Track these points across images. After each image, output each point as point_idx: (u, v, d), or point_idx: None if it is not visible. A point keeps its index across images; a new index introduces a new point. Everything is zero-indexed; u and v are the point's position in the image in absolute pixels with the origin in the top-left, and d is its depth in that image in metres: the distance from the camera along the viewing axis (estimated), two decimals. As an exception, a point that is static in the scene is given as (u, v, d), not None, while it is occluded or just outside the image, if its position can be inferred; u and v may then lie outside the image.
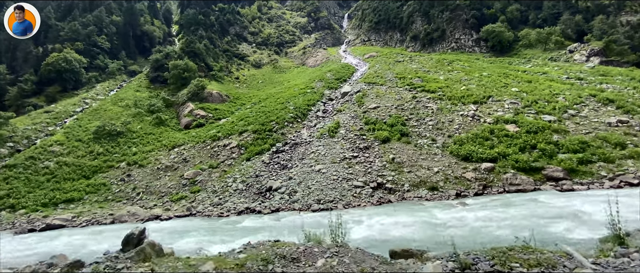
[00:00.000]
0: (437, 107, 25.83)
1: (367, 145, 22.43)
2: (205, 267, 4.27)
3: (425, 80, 33.65)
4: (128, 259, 4.46)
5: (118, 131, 34.67)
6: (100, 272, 4.17)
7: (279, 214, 16.28)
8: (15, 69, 55.64)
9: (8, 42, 57.92)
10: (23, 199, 24.93)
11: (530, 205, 12.91)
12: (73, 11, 67.91)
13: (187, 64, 51.92)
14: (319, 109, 33.40)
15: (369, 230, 11.63)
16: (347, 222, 12.01)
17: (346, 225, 12.21)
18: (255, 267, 4.31)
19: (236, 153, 27.47)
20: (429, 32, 67.00)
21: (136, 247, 4.79)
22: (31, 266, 4.76)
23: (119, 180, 27.71)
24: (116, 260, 4.51)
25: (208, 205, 19.86)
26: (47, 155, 30.50)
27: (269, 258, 4.63)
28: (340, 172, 19.57)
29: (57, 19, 65.45)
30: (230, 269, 4.26)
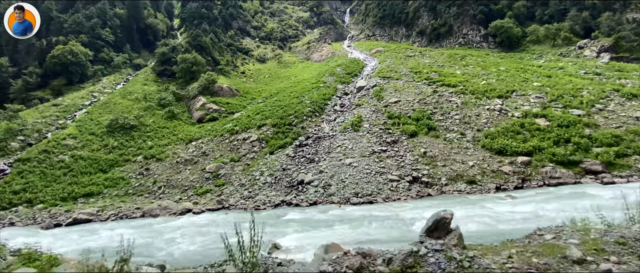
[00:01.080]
0: (461, 101, 25.76)
1: (394, 139, 22.29)
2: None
3: (443, 75, 33.56)
4: (454, 246, 4.12)
5: (131, 125, 34.14)
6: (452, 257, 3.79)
7: (319, 207, 16.13)
8: (18, 62, 54.51)
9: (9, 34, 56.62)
10: (40, 194, 24.43)
11: (583, 197, 12.89)
12: (75, 3, 66.55)
13: (195, 58, 51.27)
14: (336, 103, 33.19)
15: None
16: (412, 219, 11.89)
17: (411, 220, 12.10)
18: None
19: (257, 147, 27.18)
20: (436, 28, 66.87)
21: (448, 233, 4.40)
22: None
23: (138, 174, 27.30)
24: (442, 246, 4.07)
25: (239, 199, 19.62)
26: (61, 148, 29.92)
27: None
28: (372, 165, 19.43)
29: (58, 10, 64.03)
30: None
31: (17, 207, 23.13)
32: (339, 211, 15.00)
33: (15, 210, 22.73)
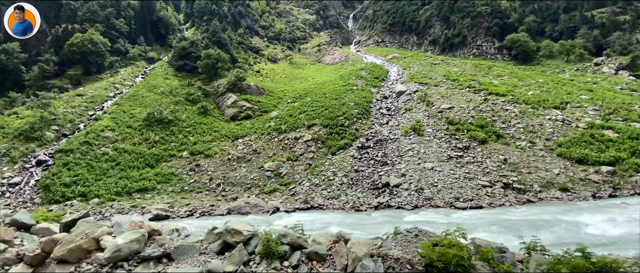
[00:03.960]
0: (519, 111, 26.53)
1: (465, 145, 22.67)
2: None
3: (483, 84, 34.43)
4: None
5: (169, 119, 33.07)
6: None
7: (425, 210, 16.12)
8: (28, 48, 51.79)
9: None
10: (93, 188, 23.25)
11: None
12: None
13: (219, 54, 50.35)
14: (380, 106, 33.39)
15: (594, 228, 11.61)
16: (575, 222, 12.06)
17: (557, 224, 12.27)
18: None
19: (313, 147, 26.94)
20: (450, 37, 68.49)
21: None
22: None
23: (189, 170, 26.47)
24: None
25: (324, 199, 19.34)
26: (102, 141, 28.60)
27: None
28: (456, 170, 19.67)
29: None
30: None
31: (71, 200, 21.91)
32: (458, 213, 15.11)
33: (70, 204, 21.51)
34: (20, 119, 31.03)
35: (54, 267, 5.19)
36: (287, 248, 5.16)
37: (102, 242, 5.60)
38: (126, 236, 5.48)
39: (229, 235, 5.75)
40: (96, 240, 5.68)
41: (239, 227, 5.71)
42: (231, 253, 5.35)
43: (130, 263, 5.25)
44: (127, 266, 5.18)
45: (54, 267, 5.19)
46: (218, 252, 5.61)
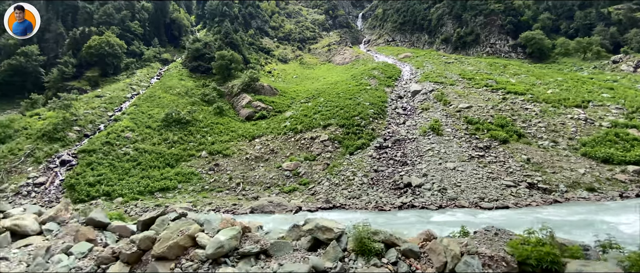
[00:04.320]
0: (539, 110, 26.17)
1: (486, 144, 22.47)
2: None
3: (500, 83, 34.03)
4: None
5: (187, 119, 33.53)
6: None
7: (450, 210, 16.05)
8: (46, 50, 53.11)
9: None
10: (117, 187, 23.72)
11: None
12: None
13: (233, 55, 50.81)
14: (396, 106, 33.27)
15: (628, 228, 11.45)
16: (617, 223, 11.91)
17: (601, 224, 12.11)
18: None
19: (330, 147, 27.00)
20: (462, 36, 67.80)
21: None
22: None
23: (208, 170, 26.80)
24: None
25: (346, 199, 19.39)
26: (123, 141, 29.16)
27: None
28: (479, 170, 19.52)
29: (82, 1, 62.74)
30: None
31: (96, 199, 22.40)
32: (485, 213, 15.01)
33: (95, 202, 21.99)
34: (42, 120, 31.81)
35: (153, 264, 5.35)
36: (382, 245, 5.24)
37: (198, 239, 5.76)
38: (226, 233, 5.62)
39: (320, 231, 5.87)
40: (191, 237, 5.83)
41: (327, 224, 5.81)
42: (325, 250, 5.45)
43: (231, 259, 5.38)
44: (229, 262, 5.32)
45: (153, 264, 5.35)
46: (308, 249, 5.72)
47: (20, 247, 6.78)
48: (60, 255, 6.20)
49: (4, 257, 6.20)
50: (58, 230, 7.53)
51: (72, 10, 60.56)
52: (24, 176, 24.26)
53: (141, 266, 5.61)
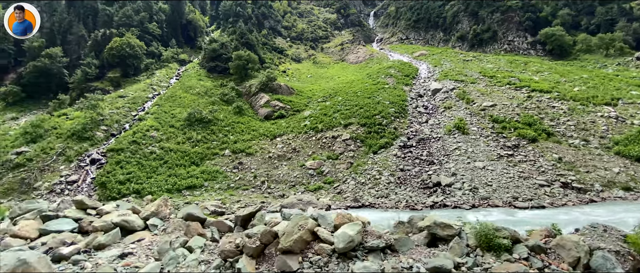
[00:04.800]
0: (567, 108, 25.65)
1: (514, 143, 22.18)
2: None
3: (523, 80, 33.47)
4: None
5: (208, 119, 34.03)
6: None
7: (483, 210, 15.91)
8: (68, 52, 54.48)
9: (59, 25, 56.74)
10: (146, 185, 24.28)
11: None
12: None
13: (249, 55, 51.28)
14: (416, 105, 33.05)
15: None
16: None
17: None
18: None
19: (353, 146, 27.04)
20: (479, 33, 66.85)
21: None
22: None
23: (233, 168, 27.17)
24: None
25: (374, 198, 19.44)
26: (148, 140, 29.79)
27: None
28: (509, 169, 19.29)
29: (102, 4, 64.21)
30: None
31: (127, 197, 22.96)
32: (522, 213, 14.85)
33: (126, 200, 22.53)
34: (70, 120, 32.73)
35: (281, 257, 5.51)
36: (509, 241, 5.30)
37: (319, 233, 5.91)
38: (352, 227, 5.75)
39: (439, 228, 5.97)
40: (312, 231, 5.99)
41: (446, 220, 5.90)
42: (450, 245, 5.54)
43: (360, 254, 5.51)
44: (359, 256, 5.45)
45: (281, 257, 5.51)
46: (427, 244, 5.82)
47: (134, 241, 7.05)
48: (181, 249, 6.42)
49: (128, 252, 6.45)
50: (162, 225, 7.79)
51: (92, 13, 62.03)
52: (56, 174, 25.05)
53: (265, 259, 5.77)
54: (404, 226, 6.38)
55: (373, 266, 5.05)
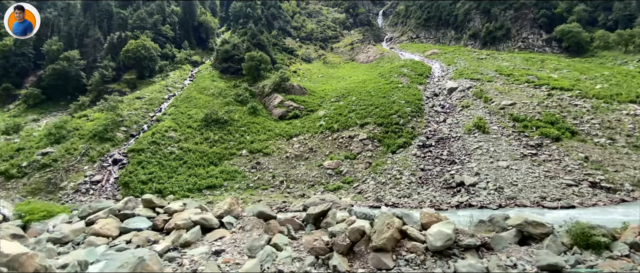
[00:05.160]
0: (591, 106, 25.19)
1: (537, 142, 21.89)
2: None
3: (541, 78, 32.96)
4: None
5: (225, 119, 34.38)
6: None
7: (510, 209, 15.77)
8: (85, 55, 55.59)
9: (76, 29, 57.96)
10: (167, 185, 24.68)
11: None
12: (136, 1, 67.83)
13: (262, 56, 51.60)
14: (433, 104, 32.83)
15: None
16: None
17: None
18: None
19: (370, 146, 27.01)
20: (491, 31, 65.98)
21: None
22: None
23: (251, 168, 27.42)
24: None
25: (396, 197, 19.42)
26: (167, 140, 30.26)
27: None
28: (534, 169, 19.06)
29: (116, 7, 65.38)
30: None
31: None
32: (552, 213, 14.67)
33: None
34: (90, 121, 33.43)
35: (376, 255, 5.62)
36: (608, 238, 5.31)
37: (409, 232, 6.01)
38: (447, 226, 5.83)
39: (531, 226, 6.00)
40: (400, 230, 6.09)
41: (537, 219, 5.95)
42: (545, 244, 5.58)
43: (457, 252, 5.58)
44: (458, 254, 5.53)
45: (376, 255, 5.62)
46: (518, 243, 5.86)
47: (216, 239, 7.24)
48: (269, 246, 6.56)
49: (220, 249, 6.57)
50: (237, 223, 7.98)
51: (107, 16, 63.21)
52: (81, 174, 25.64)
53: (356, 257, 5.86)
54: (485, 225, 6.39)
55: (477, 264, 5.07)
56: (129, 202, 9.28)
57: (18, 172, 25.68)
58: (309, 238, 6.73)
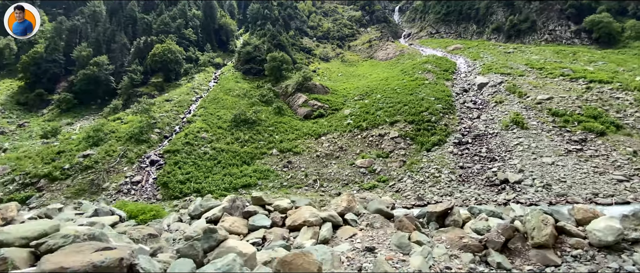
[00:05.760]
0: (633, 99, 24.17)
1: (581, 137, 21.18)
2: None
3: (576, 71, 31.83)
4: None
5: (253, 120, 34.84)
6: None
7: (561, 207, 15.35)
8: (113, 60, 57.40)
9: (103, 35, 59.93)
10: (205, 184, 25.22)
11: None
12: (154, 3, 69.58)
13: (283, 57, 51.98)
14: (464, 100, 32.25)
15: None
16: None
17: None
18: None
19: (403, 144, 26.79)
20: (516, 23, 64.22)
21: None
22: None
23: (283, 167, 27.67)
24: None
25: (438, 196, 19.18)
26: (200, 141, 30.92)
27: None
28: (582, 165, 18.45)
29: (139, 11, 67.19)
30: None
31: (189, 196, 23.97)
32: (606, 210, 14.18)
33: (188, 199, 23.52)
34: (124, 123, 34.52)
35: (537, 251, 5.71)
36: None
37: (566, 228, 6.07)
38: (613, 220, 5.87)
39: None
40: (555, 226, 6.15)
41: None
42: None
43: (627, 246, 5.60)
44: (628, 247, 5.55)
45: (537, 251, 5.71)
46: None
47: (349, 236, 7.40)
48: (414, 244, 6.69)
49: (370, 246, 6.67)
50: (359, 220, 8.16)
51: (131, 22, 65.05)
52: (121, 175, 26.53)
53: (514, 254, 5.93)
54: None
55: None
56: (237, 200, 9.54)
57: (61, 174, 26.81)
58: (451, 235, 6.74)
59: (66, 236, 5.84)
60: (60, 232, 6.08)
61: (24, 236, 6.09)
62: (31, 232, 6.21)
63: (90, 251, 4.75)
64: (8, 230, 6.19)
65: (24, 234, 6.13)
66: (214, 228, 6.56)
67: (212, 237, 6.16)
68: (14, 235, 6.06)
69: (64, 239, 5.69)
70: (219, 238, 6.28)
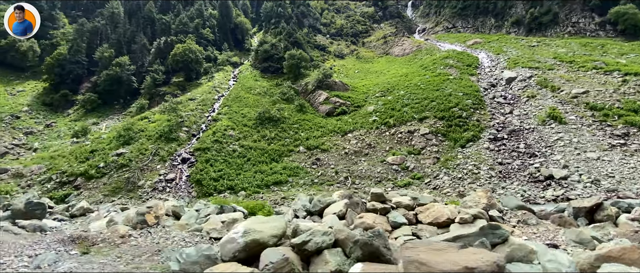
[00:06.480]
0: (678, 90, 23.46)
1: (623, 132, 20.66)
2: None
3: (609, 64, 30.96)
4: None
5: (277, 117, 34.99)
6: None
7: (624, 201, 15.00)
8: (134, 60, 58.31)
9: (123, 36, 60.91)
10: (237, 181, 25.48)
11: None
12: (171, 3, 70.35)
13: (301, 54, 51.97)
14: (493, 95, 31.73)
15: None
16: None
17: None
18: None
19: (434, 140, 26.54)
20: (537, 16, 62.75)
21: None
22: None
23: (312, 164, 27.74)
24: None
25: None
26: (228, 139, 31.23)
27: None
28: (628, 159, 17.99)
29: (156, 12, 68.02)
30: None
31: (223, 193, 24.26)
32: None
33: (223, 196, 23.80)
34: (152, 123, 35.08)
35: None
36: None
37: None
38: None
39: None
40: None
41: None
42: None
43: None
44: None
45: None
46: None
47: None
48: (610, 242, 6.62)
49: (554, 243, 6.58)
50: (505, 217, 8.15)
51: (149, 23, 65.91)
52: (155, 173, 27.00)
53: None
54: None
55: None
56: (353, 196, 9.60)
57: (97, 173, 27.44)
58: (622, 230, 6.61)
59: (326, 233, 5.56)
60: (312, 230, 5.74)
61: (273, 234, 5.93)
62: (277, 230, 6.08)
63: (453, 252, 4.50)
64: (259, 228, 5.93)
65: (271, 232, 5.96)
66: (497, 225, 6.30)
67: (496, 233, 5.99)
68: (267, 233, 5.87)
69: (324, 238, 5.44)
70: (505, 235, 6.01)
